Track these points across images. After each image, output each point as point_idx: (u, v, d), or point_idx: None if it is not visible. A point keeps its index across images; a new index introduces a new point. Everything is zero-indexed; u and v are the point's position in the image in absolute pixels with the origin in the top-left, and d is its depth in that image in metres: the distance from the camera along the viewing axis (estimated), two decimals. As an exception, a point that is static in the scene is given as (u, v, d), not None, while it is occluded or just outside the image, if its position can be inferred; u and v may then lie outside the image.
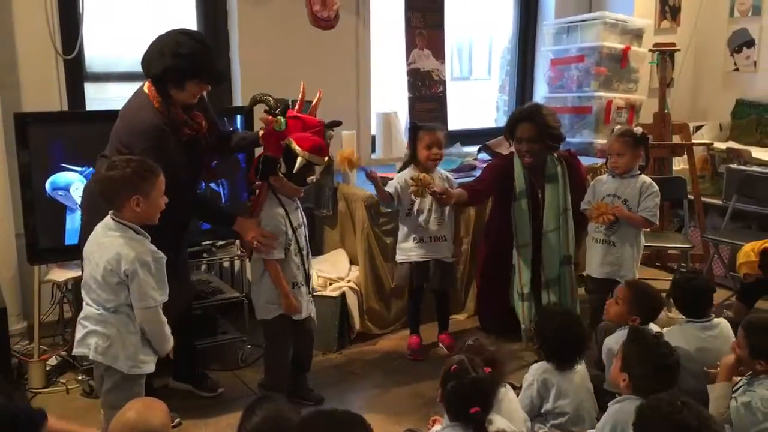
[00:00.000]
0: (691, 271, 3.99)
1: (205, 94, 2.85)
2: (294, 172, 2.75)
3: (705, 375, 2.56)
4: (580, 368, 2.59)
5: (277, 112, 2.73)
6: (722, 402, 2.38)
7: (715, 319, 2.82)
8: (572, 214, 3.57)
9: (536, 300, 3.57)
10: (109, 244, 2.30)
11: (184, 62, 2.60)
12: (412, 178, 3.32)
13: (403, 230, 3.49)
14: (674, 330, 2.80)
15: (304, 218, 2.98)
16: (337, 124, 2.91)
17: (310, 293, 2.98)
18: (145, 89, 2.68)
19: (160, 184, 2.35)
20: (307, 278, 2.95)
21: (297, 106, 2.86)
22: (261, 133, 2.82)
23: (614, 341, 2.66)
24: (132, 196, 2.28)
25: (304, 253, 2.92)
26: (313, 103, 2.88)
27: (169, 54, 2.59)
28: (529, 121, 3.51)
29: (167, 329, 2.41)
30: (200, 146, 2.80)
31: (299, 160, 2.70)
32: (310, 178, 2.83)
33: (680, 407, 1.82)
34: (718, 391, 2.42)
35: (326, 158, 2.79)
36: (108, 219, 2.34)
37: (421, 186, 3.24)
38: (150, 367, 2.41)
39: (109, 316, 2.31)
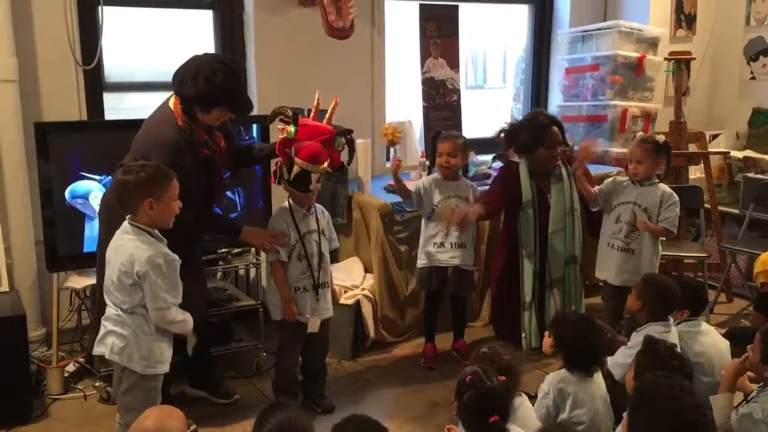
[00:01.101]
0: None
1: None
2: (291, 179, 2.77)
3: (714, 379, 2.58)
4: (597, 377, 2.58)
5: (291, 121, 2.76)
6: (725, 412, 2.38)
7: (700, 320, 2.90)
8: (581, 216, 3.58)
9: (540, 306, 3.58)
10: (123, 247, 2.35)
11: (215, 90, 2.62)
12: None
13: (425, 234, 3.50)
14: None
15: (323, 224, 2.99)
16: (349, 131, 2.93)
17: (317, 300, 2.95)
18: (171, 105, 2.71)
19: (173, 188, 2.39)
20: (317, 285, 2.94)
21: (312, 115, 2.89)
22: (278, 141, 2.85)
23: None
24: (145, 199, 2.32)
25: (314, 260, 2.92)
26: (329, 111, 2.91)
27: (202, 79, 2.61)
28: (556, 125, 3.55)
29: (188, 325, 2.45)
30: (217, 166, 2.83)
31: (295, 167, 2.74)
32: (312, 186, 2.83)
33: (679, 395, 1.83)
34: (720, 402, 2.42)
35: (323, 167, 2.78)
36: (125, 223, 2.39)
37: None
38: (165, 368, 2.45)
39: (125, 318, 2.36)
